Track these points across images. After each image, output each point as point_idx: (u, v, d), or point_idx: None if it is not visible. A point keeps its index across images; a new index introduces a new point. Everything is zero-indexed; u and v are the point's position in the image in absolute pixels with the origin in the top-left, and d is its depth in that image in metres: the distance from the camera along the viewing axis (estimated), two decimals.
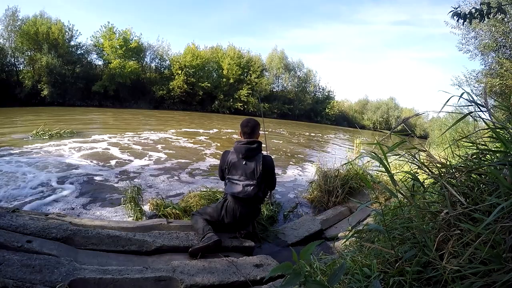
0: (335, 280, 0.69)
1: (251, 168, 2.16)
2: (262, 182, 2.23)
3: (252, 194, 2.14)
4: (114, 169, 4.69)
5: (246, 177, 2.16)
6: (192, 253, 1.95)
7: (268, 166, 2.23)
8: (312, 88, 34.88)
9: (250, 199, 2.18)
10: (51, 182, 3.77)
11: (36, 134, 6.68)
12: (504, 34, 7.52)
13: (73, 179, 4.00)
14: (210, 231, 2.08)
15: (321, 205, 3.72)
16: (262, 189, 2.26)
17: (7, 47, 18.63)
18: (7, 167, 4.21)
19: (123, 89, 22.36)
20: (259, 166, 2.16)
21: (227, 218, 2.25)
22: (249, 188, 2.14)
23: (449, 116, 8.40)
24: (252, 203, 2.25)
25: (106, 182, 4.00)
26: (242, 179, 2.16)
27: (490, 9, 2.88)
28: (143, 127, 10.87)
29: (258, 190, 2.17)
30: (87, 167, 4.65)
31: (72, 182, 3.88)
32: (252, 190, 2.14)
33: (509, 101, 6.81)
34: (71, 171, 4.31)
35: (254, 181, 2.15)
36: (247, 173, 2.16)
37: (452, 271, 0.85)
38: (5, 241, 1.61)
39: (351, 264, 1.23)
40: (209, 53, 27.53)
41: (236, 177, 2.18)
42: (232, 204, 2.21)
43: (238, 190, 2.14)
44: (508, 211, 0.80)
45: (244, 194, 2.13)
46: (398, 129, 1.31)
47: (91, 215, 2.91)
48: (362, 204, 1.13)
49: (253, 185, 2.14)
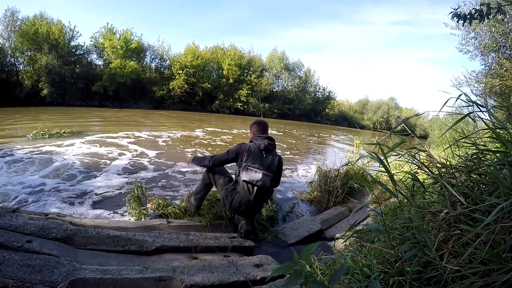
0: (335, 280, 0.69)
1: (269, 160, 2.28)
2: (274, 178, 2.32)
3: (268, 185, 2.23)
4: (114, 169, 4.69)
5: (265, 168, 2.25)
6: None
7: (281, 164, 2.38)
8: (312, 88, 34.86)
9: (264, 190, 2.24)
10: (51, 182, 3.77)
11: (36, 134, 6.68)
12: (504, 34, 7.53)
13: (73, 178, 4.00)
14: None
15: (321, 205, 3.72)
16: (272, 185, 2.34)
17: (7, 47, 18.63)
18: (7, 167, 4.21)
19: (123, 89, 22.34)
20: (276, 161, 2.30)
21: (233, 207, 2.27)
22: (267, 178, 2.23)
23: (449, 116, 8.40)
24: (263, 195, 2.30)
25: (106, 181, 4.00)
26: (262, 169, 2.23)
27: (489, 9, 2.88)
28: (143, 127, 10.87)
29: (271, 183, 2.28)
30: (87, 166, 4.65)
31: (72, 182, 3.88)
32: (269, 181, 2.24)
33: (509, 101, 6.81)
34: (71, 171, 4.31)
35: (271, 174, 2.27)
36: (266, 165, 2.26)
37: (452, 271, 0.85)
38: (5, 241, 1.61)
39: (351, 264, 1.23)
40: (209, 53, 27.52)
41: (256, 165, 2.24)
42: (241, 194, 2.23)
43: (258, 178, 2.19)
44: (508, 211, 0.80)
45: (262, 182, 2.19)
46: (398, 129, 1.32)
47: (91, 215, 2.91)
48: (361, 204, 1.13)
49: (270, 176, 2.25)
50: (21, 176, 3.89)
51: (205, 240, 2.24)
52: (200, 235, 2.31)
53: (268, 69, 31.83)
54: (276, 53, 32.74)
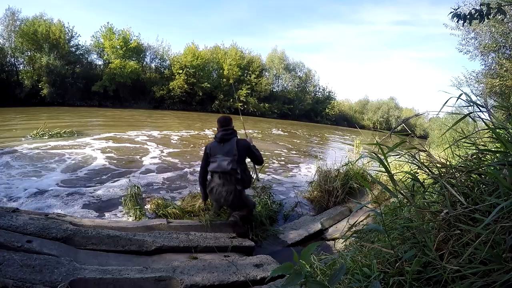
0: (335, 280, 0.69)
1: (227, 148, 2.46)
2: (241, 162, 2.46)
3: (228, 168, 2.38)
4: (114, 169, 4.69)
5: (222, 155, 2.44)
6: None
7: (242, 145, 2.50)
8: (312, 88, 34.83)
9: (227, 174, 2.41)
10: (51, 182, 3.77)
11: (36, 134, 6.68)
12: (504, 34, 7.51)
13: (73, 178, 4.00)
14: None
15: (321, 205, 3.72)
16: (241, 167, 2.46)
17: (7, 47, 18.61)
18: (7, 167, 4.21)
19: (123, 89, 22.33)
20: (234, 145, 2.45)
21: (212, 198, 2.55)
22: (224, 162, 2.40)
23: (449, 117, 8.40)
24: (230, 180, 2.43)
25: (107, 181, 4.00)
26: (219, 156, 2.45)
27: (489, 9, 2.88)
28: (143, 127, 10.87)
29: (233, 165, 2.39)
30: (87, 166, 4.65)
31: (72, 181, 3.88)
32: (227, 164, 2.39)
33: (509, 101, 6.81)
34: (71, 171, 4.31)
35: (231, 157, 2.41)
36: (224, 152, 2.45)
37: (452, 271, 0.85)
38: (5, 241, 1.61)
39: (351, 264, 1.23)
40: (209, 53, 27.49)
41: (217, 156, 2.47)
42: (213, 183, 2.50)
43: (215, 166, 2.44)
44: (507, 211, 0.80)
45: (220, 168, 2.40)
46: (398, 129, 1.31)
47: (91, 215, 2.92)
48: (361, 204, 1.13)
49: (228, 160, 2.40)
50: (21, 176, 3.89)
51: (205, 240, 2.24)
52: (200, 235, 2.31)
53: (268, 69, 31.80)
54: (276, 53, 32.70)
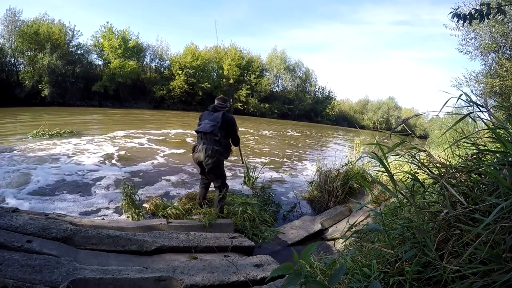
0: (335, 280, 0.69)
1: (215, 116, 2.80)
2: (222, 129, 2.75)
3: (209, 130, 2.70)
4: (114, 169, 4.69)
5: (209, 120, 2.78)
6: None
7: (228, 118, 2.81)
8: (312, 88, 34.82)
9: (207, 134, 2.71)
10: (51, 181, 3.77)
11: (36, 134, 6.68)
12: (504, 34, 7.51)
13: (73, 179, 4.00)
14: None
15: (321, 205, 3.72)
16: (221, 133, 2.74)
17: (7, 47, 18.60)
18: (7, 167, 4.21)
19: (123, 89, 22.31)
20: (220, 116, 2.77)
21: (194, 157, 2.85)
22: (207, 125, 2.73)
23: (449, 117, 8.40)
24: (210, 140, 2.71)
25: (106, 181, 4.00)
26: (205, 121, 2.79)
27: (489, 9, 2.88)
28: (143, 127, 10.86)
29: (214, 129, 2.70)
30: (87, 166, 4.65)
31: (72, 182, 3.88)
32: (209, 127, 2.71)
33: (509, 101, 6.81)
34: (71, 171, 4.31)
35: (214, 123, 2.73)
36: (210, 118, 2.79)
37: (452, 271, 0.85)
38: (5, 241, 1.61)
39: (351, 264, 1.23)
40: (209, 53, 27.49)
41: (204, 120, 2.81)
42: (196, 143, 2.83)
43: (199, 127, 2.78)
44: (507, 211, 0.80)
45: (203, 128, 2.74)
46: (398, 129, 1.31)
47: (91, 215, 2.92)
48: (361, 204, 1.13)
49: (210, 124, 2.72)
50: (21, 176, 3.89)
51: (205, 240, 2.24)
52: (200, 235, 2.31)
53: (268, 69, 31.80)
54: (276, 53, 32.69)
